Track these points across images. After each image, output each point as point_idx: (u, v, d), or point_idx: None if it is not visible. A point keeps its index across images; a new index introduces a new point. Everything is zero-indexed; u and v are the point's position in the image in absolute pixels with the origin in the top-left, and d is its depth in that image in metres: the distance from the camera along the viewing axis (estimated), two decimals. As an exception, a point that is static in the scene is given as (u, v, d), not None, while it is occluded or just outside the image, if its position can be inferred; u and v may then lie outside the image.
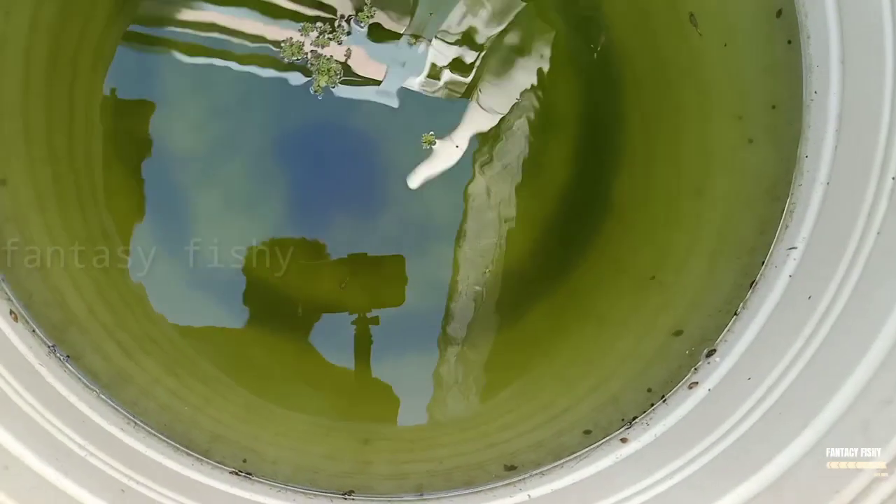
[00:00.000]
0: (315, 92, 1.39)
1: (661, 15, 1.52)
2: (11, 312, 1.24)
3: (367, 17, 1.39)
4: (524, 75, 1.50)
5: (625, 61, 1.55)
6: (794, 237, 1.39)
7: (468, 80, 1.44)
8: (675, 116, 1.53)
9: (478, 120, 1.52)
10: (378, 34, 1.46)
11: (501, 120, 1.49)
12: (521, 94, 1.50)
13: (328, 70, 1.38)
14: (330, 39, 1.39)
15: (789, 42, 1.48)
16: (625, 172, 1.54)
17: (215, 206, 1.47)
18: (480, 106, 1.48)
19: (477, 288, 1.48)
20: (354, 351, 1.41)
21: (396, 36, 1.47)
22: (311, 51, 1.35)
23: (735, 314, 1.39)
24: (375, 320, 1.42)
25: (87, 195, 1.45)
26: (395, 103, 1.41)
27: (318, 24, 1.40)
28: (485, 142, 1.50)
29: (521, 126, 1.51)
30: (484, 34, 1.48)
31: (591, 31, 1.56)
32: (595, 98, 1.57)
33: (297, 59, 1.40)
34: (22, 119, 1.39)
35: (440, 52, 1.47)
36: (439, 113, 1.47)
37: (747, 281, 1.43)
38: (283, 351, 1.48)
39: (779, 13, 1.47)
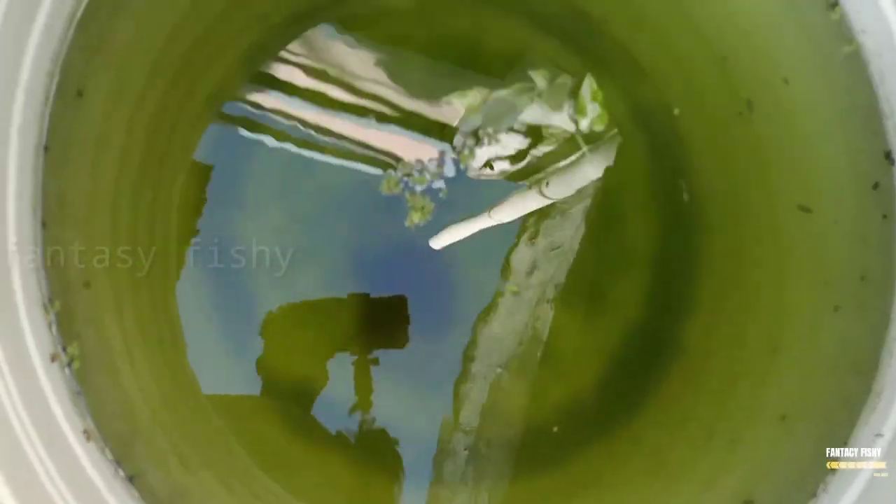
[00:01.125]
0: (408, 226, 1.38)
1: (754, 170, 1.50)
2: (85, 431, 1.22)
3: (468, 157, 1.39)
4: (588, 173, 1.49)
5: (708, 204, 1.52)
6: (881, 422, 1.35)
7: (522, 166, 1.44)
8: (754, 271, 1.51)
9: (527, 201, 1.51)
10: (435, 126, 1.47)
11: (554, 203, 1.46)
12: (583, 189, 1.48)
13: (422, 208, 1.37)
14: (428, 178, 1.39)
15: (884, 216, 1.45)
16: (697, 316, 1.52)
17: (286, 316, 1.45)
18: (540, 192, 1.47)
19: (498, 370, 1.45)
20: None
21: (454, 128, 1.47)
22: (408, 182, 1.36)
23: (814, 496, 1.34)
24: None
25: (160, 297, 1.44)
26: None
27: (419, 161, 1.40)
28: (532, 216, 1.47)
29: (576, 211, 1.48)
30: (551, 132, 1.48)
31: (676, 174, 1.54)
32: (670, 234, 1.55)
33: (394, 193, 1.39)
34: (110, 218, 1.39)
35: (503, 144, 1.48)
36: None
37: (826, 459, 1.37)
38: (339, 474, 1.45)
39: (875, 185, 1.45)
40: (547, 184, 1.53)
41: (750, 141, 1.52)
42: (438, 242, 1.50)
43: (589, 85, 1.54)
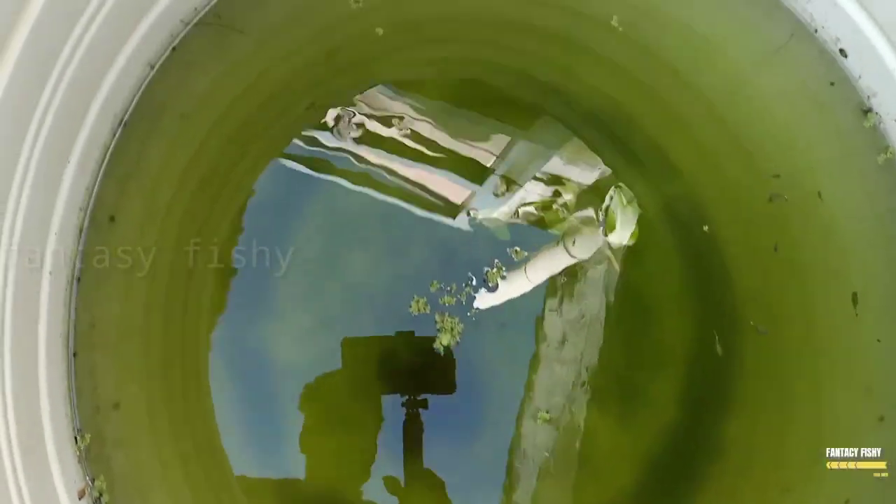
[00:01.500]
0: (436, 348, 1.37)
1: (793, 273, 1.47)
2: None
3: (496, 276, 1.38)
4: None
5: (744, 304, 1.48)
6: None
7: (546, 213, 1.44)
8: (799, 372, 1.48)
9: (556, 260, 1.48)
10: (469, 167, 1.47)
11: (582, 264, 1.47)
12: (611, 249, 1.48)
13: (451, 329, 1.36)
14: (456, 297, 1.38)
15: (928, 324, 1.42)
16: (734, 420, 1.48)
17: (312, 420, 1.44)
18: (564, 247, 1.45)
19: (545, 454, 1.41)
20: None
21: (487, 171, 1.48)
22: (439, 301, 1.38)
23: None
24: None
25: (195, 408, 1.44)
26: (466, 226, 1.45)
27: (446, 283, 1.39)
28: (561, 276, 1.47)
29: (598, 275, 1.46)
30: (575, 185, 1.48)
31: (711, 275, 1.51)
32: (706, 332, 1.52)
33: (424, 313, 1.38)
34: (141, 339, 1.39)
35: (529, 192, 1.48)
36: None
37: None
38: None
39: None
40: (574, 242, 1.51)
41: (785, 241, 1.49)
42: (483, 303, 1.47)
43: (619, 198, 1.52)
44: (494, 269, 1.41)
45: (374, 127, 1.47)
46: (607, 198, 1.47)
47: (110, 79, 1.21)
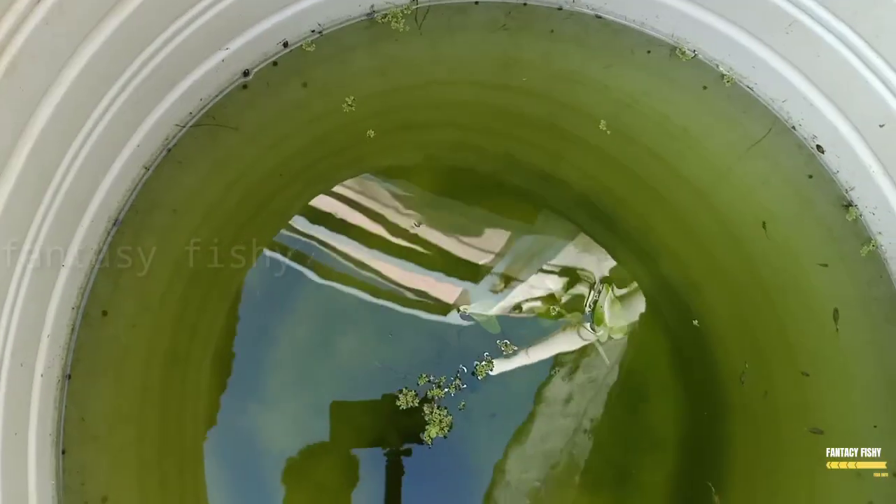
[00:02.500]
0: (425, 440, 1.37)
1: (777, 355, 1.48)
2: None
3: (486, 368, 1.39)
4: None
5: (734, 385, 1.48)
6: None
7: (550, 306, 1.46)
8: (783, 456, 1.49)
9: (563, 342, 1.49)
10: (463, 266, 1.49)
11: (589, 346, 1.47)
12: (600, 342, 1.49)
13: (440, 422, 1.37)
14: (445, 391, 1.39)
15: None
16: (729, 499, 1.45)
17: None
18: (578, 335, 1.47)
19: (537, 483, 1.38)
20: None
21: (483, 269, 1.50)
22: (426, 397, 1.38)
23: None
24: None
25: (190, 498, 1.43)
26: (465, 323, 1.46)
27: (434, 376, 1.40)
28: (570, 353, 1.47)
29: (611, 353, 1.48)
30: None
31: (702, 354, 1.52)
32: (697, 417, 1.52)
33: (412, 405, 1.40)
34: (136, 425, 1.40)
35: (534, 286, 1.50)
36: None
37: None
38: None
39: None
40: (580, 331, 1.52)
41: (772, 325, 1.51)
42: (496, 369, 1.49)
43: (608, 296, 1.55)
44: (484, 363, 1.43)
45: (362, 221, 1.51)
46: (595, 292, 1.49)
47: (106, 184, 1.25)
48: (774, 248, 1.53)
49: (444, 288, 1.48)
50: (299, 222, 1.51)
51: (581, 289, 1.51)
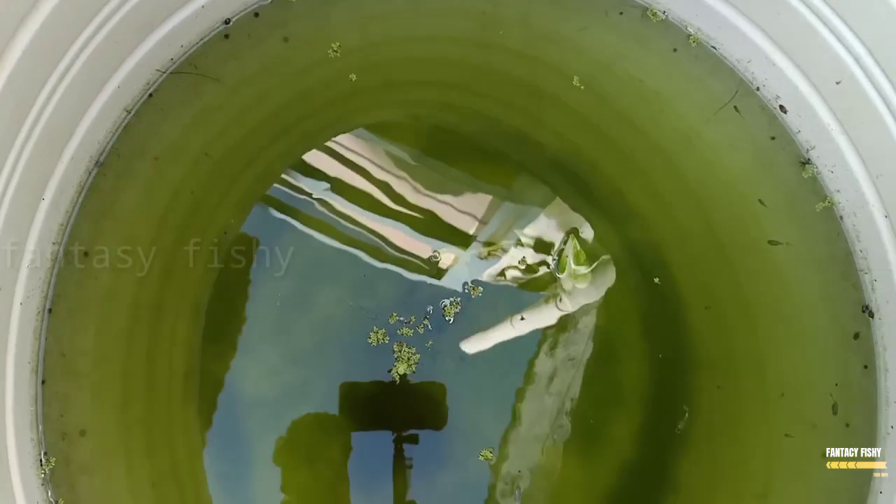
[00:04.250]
0: (393, 376, 1.42)
1: (739, 313, 1.53)
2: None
3: (453, 310, 1.44)
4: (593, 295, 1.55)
5: (700, 344, 1.54)
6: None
7: (535, 276, 1.52)
8: (747, 408, 1.53)
9: (547, 314, 1.54)
10: (454, 237, 1.54)
11: (569, 316, 1.52)
12: (592, 302, 1.55)
13: (408, 359, 1.42)
14: (413, 330, 1.44)
15: (865, 367, 1.47)
16: (691, 453, 1.52)
17: (282, 452, 1.48)
18: (556, 306, 1.53)
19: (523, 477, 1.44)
20: None
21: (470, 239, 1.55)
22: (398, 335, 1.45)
23: None
24: None
25: (163, 437, 1.47)
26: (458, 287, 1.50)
27: (404, 316, 1.45)
28: (552, 328, 1.52)
29: (585, 326, 1.52)
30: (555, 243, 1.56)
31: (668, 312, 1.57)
32: (662, 371, 1.56)
33: (383, 342, 1.46)
34: (120, 364, 1.44)
35: (514, 257, 1.54)
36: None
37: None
38: None
39: (856, 336, 1.48)
40: (561, 299, 1.57)
41: (735, 281, 1.55)
42: (470, 347, 1.53)
43: (573, 246, 1.59)
44: (451, 304, 1.48)
45: (342, 174, 1.55)
46: (561, 242, 1.54)
47: (87, 121, 1.29)
48: (737, 211, 1.57)
49: (419, 240, 1.53)
50: (284, 176, 1.54)
51: (549, 240, 1.55)
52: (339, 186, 1.55)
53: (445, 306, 1.47)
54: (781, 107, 1.53)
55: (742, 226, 1.56)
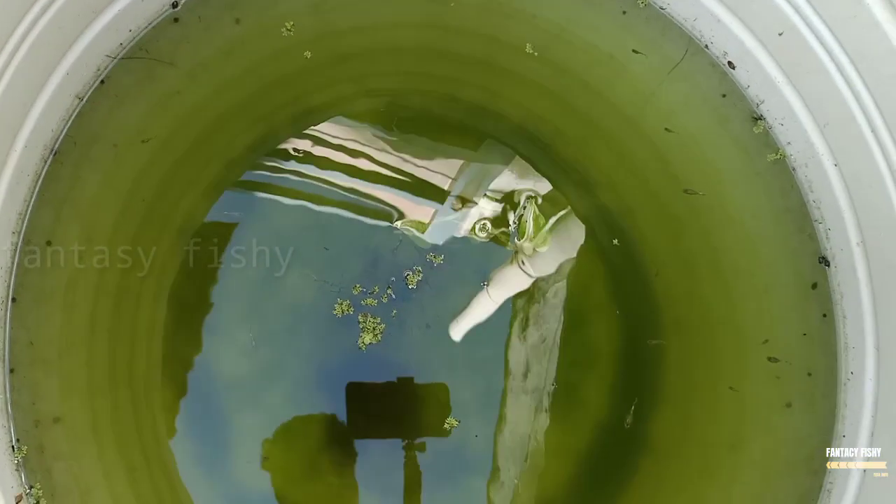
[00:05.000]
0: (360, 347, 1.44)
1: (704, 269, 1.56)
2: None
3: (415, 278, 1.46)
4: (558, 258, 1.58)
5: (666, 302, 1.57)
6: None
7: (507, 230, 1.56)
8: (713, 364, 1.56)
9: (515, 279, 1.57)
10: (428, 191, 1.57)
11: (540, 283, 1.55)
12: (560, 265, 1.58)
13: (373, 329, 1.44)
14: (378, 300, 1.47)
15: (824, 315, 1.50)
16: (663, 412, 1.56)
17: (257, 430, 1.50)
18: (519, 267, 1.55)
19: (515, 481, 1.47)
20: None
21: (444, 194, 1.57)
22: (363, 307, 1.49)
23: None
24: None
25: (145, 421, 1.49)
26: (439, 241, 1.54)
27: (367, 287, 1.47)
28: (521, 299, 1.55)
29: (558, 293, 1.55)
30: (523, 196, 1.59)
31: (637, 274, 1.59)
32: (633, 330, 1.59)
33: (348, 314, 1.48)
34: (87, 351, 1.45)
35: (483, 208, 1.57)
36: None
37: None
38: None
39: (814, 286, 1.51)
40: (523, 261, 1.59)
41: (698, 240, 1.58)
42: (457, 333, 1.56)
43: (532, 210, 1.62)
44: (413, 273, 1.50)
45: (307, 147, 1.56)
46: (520, 207, 1.56)
47: (37, 109, 1.30)
48: (697, 170, 1.59)
49: (381, 207, 1.55)
50: (248, 157, 1.56)
51: (509, 207, 1.57)
52: (303, 161, 1.56)
53: (408, 275, 1.49)
54: (730, 63, 1.55)
55: (703, 184, 1.57)
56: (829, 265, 1.50)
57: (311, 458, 1.49)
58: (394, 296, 1.48)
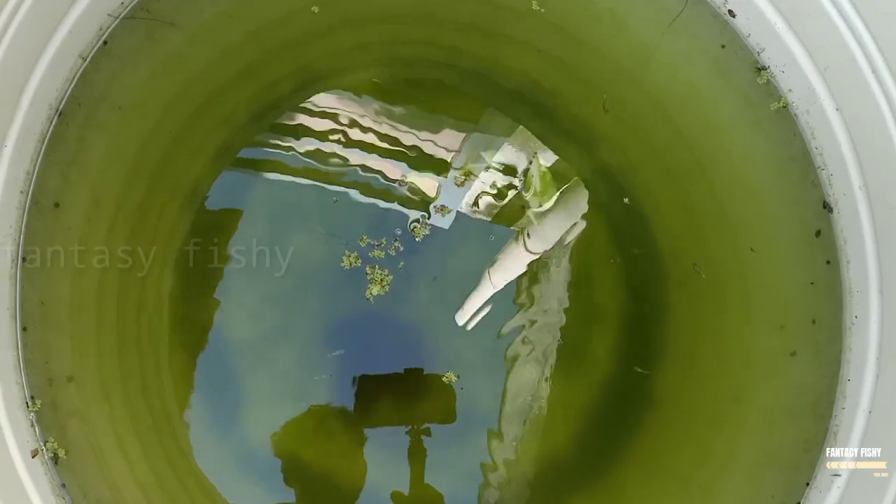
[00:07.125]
0: (367, 298, 1.46)
1: (710, 223, 1.56)
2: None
3: (422, 231, 1.48)
4: (562, 225, 1.59)
5: (672, 257, 1.58)
6: (837, 462, 1.38)
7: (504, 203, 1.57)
8: (718, 317, 1.56)
9: (518, 258, 1.58)
10: (431, 164, 1.57)
11: (540, 262, 1.56)
12: (561, 240, 1.58)
13: (381, 280, 1.46)
14: (385, 252, 1.50)
15: (828, 262, 1.51)
16: (668, 366, 1.56)
17: (267, 391, 1.51)
18: (523, 247, 1.56)
19: (520, 437, 1.48)
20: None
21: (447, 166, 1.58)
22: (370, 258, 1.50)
23: (782, 540, 1.37)
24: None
25: (153, 383, 1.51)
26: (446, 225, 1.55)
27: (375, 239, 1.49)
28: (524, 279, 1.56)
29: (561, 272, 1.56)
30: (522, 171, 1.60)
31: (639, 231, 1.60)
32: (638, 286, 1.59)
33: (356, 266, 1.50)
34: (96, 313, 1.47)
35: (485, 182, 1.58)
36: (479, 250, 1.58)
37: (793, 501, 1.40)
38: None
39: (818, 233, 1.51)
40: (529, 236, 1.60)
41: (704, 194, 1.58)
42: (463, 319, 1.57)
43: (537, 165, 1.62)
44: (420, 224, 1.51)
45: (308, 122, 1.57)
46: (527, 163, 1.56)
47: (41, 68, 1.31)
48: (700, 123, 1.59)
49: (389, 164, 1.56)
50: (254, 124, 1.57)
51: (515, 164, 1.58)
52: (306, 130, 1.57)
53: (415, 227, 1.49)
54: (730, 11, 1.55)
55: (707, 137, 1.57)
56: (832, 211, 1.50)
57: (320, 417, 1.49)
58: (401, 248, 1.49)
